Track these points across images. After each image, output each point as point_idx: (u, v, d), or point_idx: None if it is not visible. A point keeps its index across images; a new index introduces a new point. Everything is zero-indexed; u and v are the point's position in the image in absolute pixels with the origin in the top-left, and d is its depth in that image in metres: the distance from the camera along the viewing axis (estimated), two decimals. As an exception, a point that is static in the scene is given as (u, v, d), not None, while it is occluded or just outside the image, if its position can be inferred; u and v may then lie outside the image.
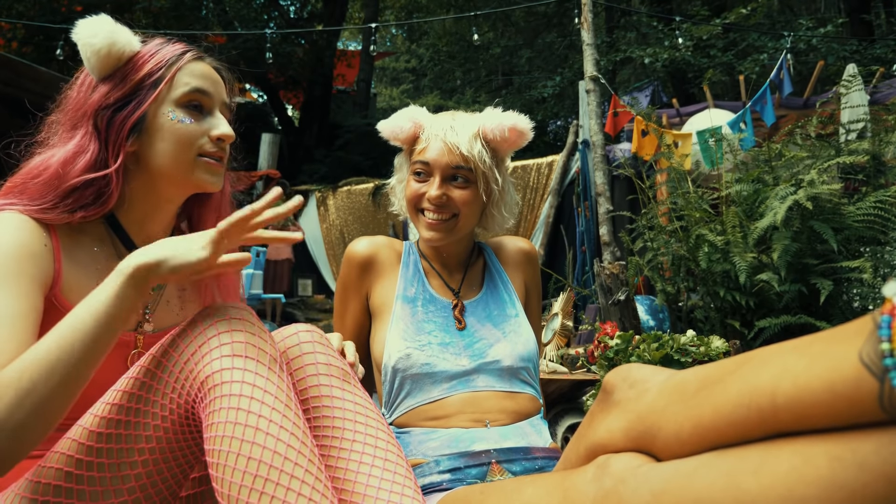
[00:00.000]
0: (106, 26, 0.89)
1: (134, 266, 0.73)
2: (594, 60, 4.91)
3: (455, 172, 1.13)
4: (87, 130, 0.89)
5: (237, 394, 0.70)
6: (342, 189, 8.35)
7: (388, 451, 0.83)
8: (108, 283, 0.73)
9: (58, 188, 0.85)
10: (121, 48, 0.90)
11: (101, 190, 0.87)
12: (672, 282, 2.96)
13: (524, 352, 1.14)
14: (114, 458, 0.73)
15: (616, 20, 10.80)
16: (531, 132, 1.17)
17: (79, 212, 0.86)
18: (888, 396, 0.43)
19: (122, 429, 0.74)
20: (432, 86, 15.59)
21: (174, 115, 0.91)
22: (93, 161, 0.87)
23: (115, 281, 0.73)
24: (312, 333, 0.90)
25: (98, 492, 0.73)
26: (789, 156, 2.76)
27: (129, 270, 0.73)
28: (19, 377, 0.65)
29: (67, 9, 9.09)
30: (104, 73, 0.90)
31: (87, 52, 0.89)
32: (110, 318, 0.71)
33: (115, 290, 0.72)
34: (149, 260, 0.74)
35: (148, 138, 0.91)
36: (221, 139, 0.94)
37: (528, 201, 6.64)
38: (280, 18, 12.19)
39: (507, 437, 1.04)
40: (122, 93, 0.89)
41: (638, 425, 0.63)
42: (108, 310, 0.71)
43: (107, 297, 0.72)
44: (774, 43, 7.32)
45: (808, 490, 0.45)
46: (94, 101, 0.89)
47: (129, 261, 0.74)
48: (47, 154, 0.88)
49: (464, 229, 1.17)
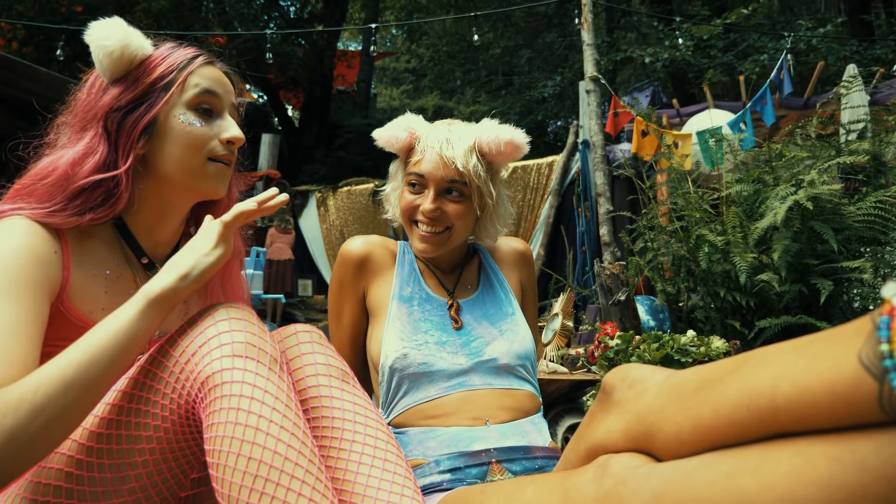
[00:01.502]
0: (119, 29, 0.89)
1: (160, 290, 0.74)
2: (594, 61, 4.91)
3: (450, 186, 1.12)
4: (97, 132, 0.89)
5: (237, 394, 0.70)
6: (342, 189, 8.35)
7: (387, 451, 0.83)
8: (132, 305, 0.73)
9: (66, 189, 0.85)
10: (133, 51, 0.90)
11: (110, 191, 0.87)
12: (672, 282, 2.96)
13: (521, 349, 1.14)
14: (114, 459, 0.73)
15: (616, 20, 10.80)
16: (527, 146, 1.16)
17: (88, 214, 0.86)
18: (888, 397, 0.43)
19: (123, 429, 0.74)
20: (432, 86, 15.59)
21: (185, 118, 0.92)
22: (102, 162, 0.87)
23: (138, 304, 0.73)
24: (311, 334, 0.90)
25: (98, 492, 0.73)
26: (789, 156, 2.76)
27: (153, 295, 0.74)
28: (35, 391, 0.65)
29: (68, 9, 9.09)
30: (116, 75, 0.90)
31: (99, 54, 0.89)
32: (130, 341, 0.72)
33: (138, 314, 0.73)
34: (173, 282, 0.76)
35: (158, 141, 0.91)
36: (231, 142, 0.95)
37: (528, 201, 6.64)
38: (280, 19, 12.19)
39: (508, 436, 1.04)
40: (134, 95, 0.90)
41: (637, 425, 0.63)
42: (130, 332, 0.72)
43: (129, 319, 0.72)
44: (775, 43, 7.33)
45: (807, 491, 0.45)
46: (104, 102, 0.89)
47: (154, 285, 0.75)
48: (56, 155, 0.88)
49: (456, 241, 1.17)
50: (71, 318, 0.84)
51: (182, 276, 0.76)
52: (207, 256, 0.78)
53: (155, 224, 0.96)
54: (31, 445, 0.64)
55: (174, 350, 0.75)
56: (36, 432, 0.64)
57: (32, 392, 0.65)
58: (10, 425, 0.62)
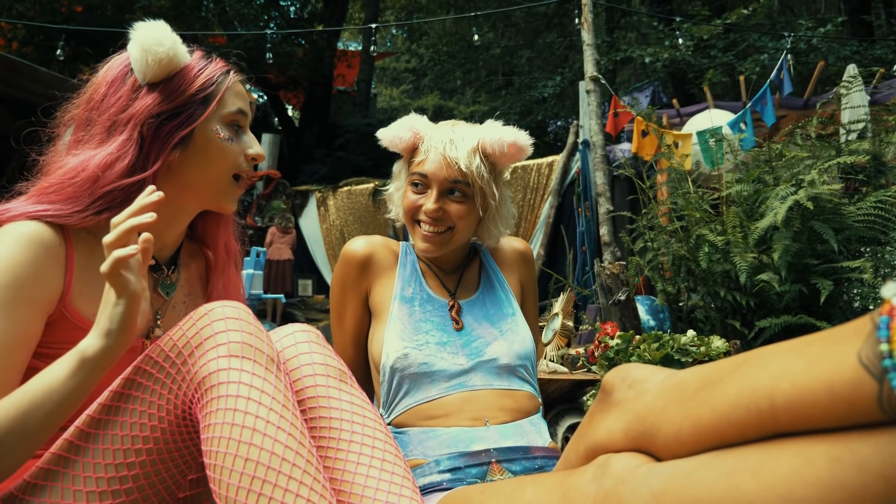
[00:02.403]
0: (170, 35, 0.90)
1: (91, 352, 0.71)
2: (594, 60, 4.91)
3: (453, 186, 1.13)
4: (131, 136, 0.88)
5: (234, 394, 0.70)
6: (342, 189, 8.35)
7: (385, 451, 0.83)
8: (65, 364, 0.71)
9: (93, 191, 0.85)
10: (179, 59, 0.91)
11: (132, 193, 0.87)
12: (672, 282, 2.96)
13: (521, 350, 1.14)
14: (110, 459, 0.73)
15: (616, 20, 10.80)
16: (531, 148, 1.16)
17: (105, 213, 0.86)
18: (887, 397, 0.43)
19: (119, 430, 0.74)
20: (432, 86, 15.59)
21: (223, 134, 0.94)
22: (130, 166, 0.87)
23: (70, 364, 0.71)
24: (309, 333, 0.90)
25: (95, 493, 0.73)
26: (790, 156, 2.76)
27: (86, 355, 0.71)
28: None
29: (68, 9, 9.10)
30: (156, 79, 0.90)
31: (148, 57, 0.88)
32: (63, 399, 0.70)
33: (70, 373, 0.70)
34: (100, 341, 0.71)
35: (192, 152, 0.92)
36: (255, 158, 0.97)
37: (529, 201, 6.64)
38: (280, 18, 12.20)
39: (507, 436, 1.04)
40: (174, 104, 0.90)
41: (637, 425, 0.63)
42: (63, 391, 0.70)
43: (61, 379, 0.70)
44: (775, 43, 7.33)
45: (807, 491, 0.45)
46: (142, 107, 0.89)
47: (86, 345, 0.71)
48: (85, 155, 0.87)
49: (459, 242, 1.18)
50: (74, 321, 0.83)
51: (106, 333, 0.71)
52: (116, 307, 0.72)
53: (165, 227, 0.97)
54: None
55: (170, 350, 0.75)
56: None
57: None
58: None
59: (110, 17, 9.04)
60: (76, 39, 7.88)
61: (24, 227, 0.81)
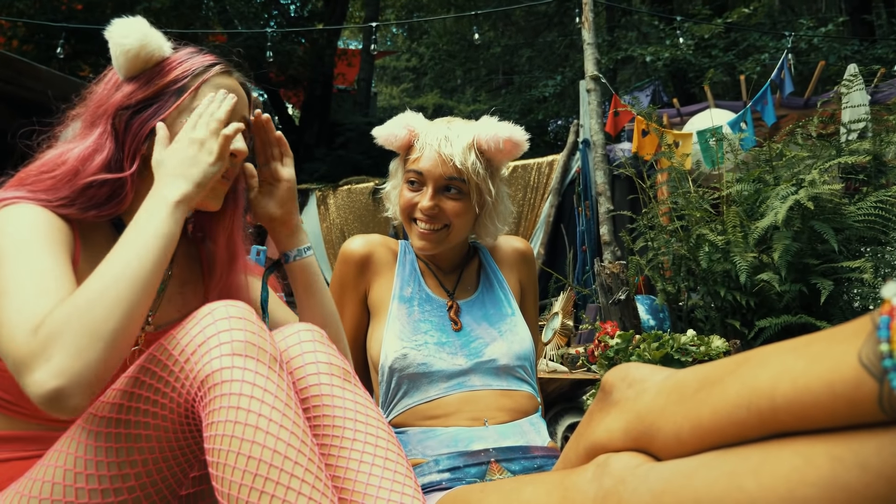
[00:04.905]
0: (139, 28, 0.90)
1: (181, 195, 0.80)
2: (595, 60, 4.91)
3: (448, 183, 1.12)
4: (105, 129, 0.89)
5: (237, 393, 0.70)
6: (342, 188, 8.34)
7: (388, 450, 0.83)
8: (159, 209, 0.78)
9: (73, 184, 0.85)
10: (150, 51, 0.90)
11: (115, 191, 0.88)
12: (672, 281, 2.96)
13: (520, 350, 1.14)
14: (113, 457, 0.73)
15: (617, 19, 10.79)
16: (527, 143, 1.16)
17: (91, 211, 0.86)
18: (887, 398, 0.43)
19: (122, 427, 0.74)
20: (433, 85, 15.56)
21: None
22: (108, 160, 0.87)
23: (165, 208, 0.78)
24: (313, 332, 0.90)
25: (98, 490, 0.73)
26: (790, 156, 2.76)
27: (175, 199, 0.79)
28: (100, 287, 0.70)
29: (68, 7, 9.08)
30: (130, 73, 0.91)
31: (116, 51, 0.89)
32: (168, 241, 0.77)
33: (168, 216, 0.78)
34: (191, 189, 0.81)
35: None
36: (234, 154, 0.93)
37: (529, 201, 6.64)
38: (280, 17, 12.18)
39: (506, 436, 1.04)
40: (145, 95, 0.90)
41: (637, 425, 0.63)
42: (167, 232, 0.77)
43: (162, 221, 0.77)
44: (775, 43, 7.32)
45: (809, 490, 0.45)
46: (115, 100, 0.90)
47: (172, 191, 0.80)
48: (65, 148, 0.88)
49: (455, 239, 1.17)
50: None
51: (198, 184, 0.81)
52: (213, 167, 0.83)
53: None
54: (113, 337, 0.68)
55: (173, 348, 0.75)
56: (110, 321, 0.68)
57: (98, 289, 0.69)
58: (89, 320, 0.67)
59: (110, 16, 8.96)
60: (76, 38, 7.87)
61: (30, 207, 0.82)
